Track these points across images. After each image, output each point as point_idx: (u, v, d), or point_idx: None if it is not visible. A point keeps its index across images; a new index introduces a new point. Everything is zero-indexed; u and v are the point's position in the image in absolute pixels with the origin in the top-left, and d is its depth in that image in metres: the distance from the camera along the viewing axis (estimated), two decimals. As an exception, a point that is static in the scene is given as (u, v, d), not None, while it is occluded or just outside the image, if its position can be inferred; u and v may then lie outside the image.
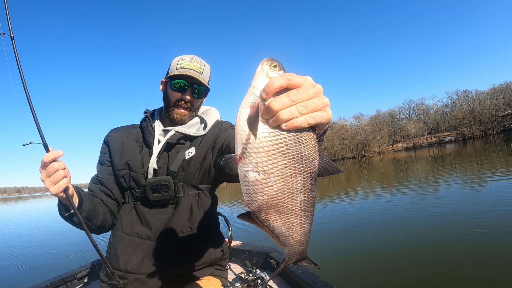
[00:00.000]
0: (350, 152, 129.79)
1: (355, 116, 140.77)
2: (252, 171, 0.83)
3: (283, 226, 0.92)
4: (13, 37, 1.65)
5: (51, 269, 7.31)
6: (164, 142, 1.92)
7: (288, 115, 0.76)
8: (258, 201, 0.86)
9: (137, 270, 1.82)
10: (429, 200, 11.31)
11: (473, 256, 5.48)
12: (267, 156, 0.81)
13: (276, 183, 0.83)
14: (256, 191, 0.85)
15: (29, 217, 27.65)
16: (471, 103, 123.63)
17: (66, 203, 1.59)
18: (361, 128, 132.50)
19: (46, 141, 1.59)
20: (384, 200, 12.93)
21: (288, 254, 1.01)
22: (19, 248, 11.66)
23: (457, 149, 56.26)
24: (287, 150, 0.81)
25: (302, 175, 0.84)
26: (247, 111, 0.83)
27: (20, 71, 1.64)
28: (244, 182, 0.85)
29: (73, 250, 9.54)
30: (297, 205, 0.88)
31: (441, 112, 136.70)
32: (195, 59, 1.92)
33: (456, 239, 6.44)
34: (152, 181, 1.86)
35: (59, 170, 1.48)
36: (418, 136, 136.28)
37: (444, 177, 17.81)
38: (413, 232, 7.41)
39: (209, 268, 2.01)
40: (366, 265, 5.83)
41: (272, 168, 0.82)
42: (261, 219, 0.91)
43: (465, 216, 8.04)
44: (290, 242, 0.96)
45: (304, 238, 0.97)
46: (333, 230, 8.75)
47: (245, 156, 0.83)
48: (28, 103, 1.62)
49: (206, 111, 2.13)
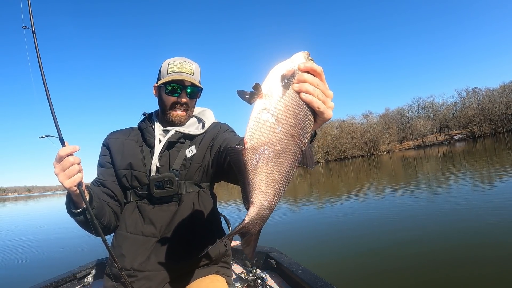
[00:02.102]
0: (359, 151, 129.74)
1: (364, 114, 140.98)
2: (268, 112, 0.93)
3: (264, 178, 0.97)
4: (35, 31, 1.65)
5: (52, 270, 7.37)
6: (166, 140, 1.93)
7: (311, 89, 0.94)
8: (258, 139, 0.94)
9: (144, 268, 1.83)
10: (437, 199, 11.29)
11: (480, 256, 5.44)
12: (285, 108, 0.93)
13: (280, 133, 0.93)
14: (261, 130, 0.93)
15: (38, 215, 27.93)
16: (481, 100, 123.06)
17: (76, 199, 1.59)
18: (370, 126, 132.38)
19: (62, 135, 1.59)
20: (389, 200, 12.88)
21: (251, 213, 1.01)
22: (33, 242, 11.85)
23: (467, 147, 55.95)
24: (299, 115, 0.94)
25: (299, 142, 0.95)
26: (284, 71, 0.95)
27: (40, 65, 1.63)
28: (255, 117, 0.94)
29: (74, 250, 9.65)
30: (285, 164, 0.96)
31: (451, 110, 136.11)
32: (184, 61, 1.93)
33: (464, 239, 6.41)
34: (156, 177, 1.86)
35: (75, 164, 1.49)
36: (428, 134, 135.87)
37: (454, 176, 17.71)
38: (417, 232, 7.38)
39: (215, 266, 2.02)
40: (366, 265, 5.81)
41: (283, 119, 0.93)
42: (249, 159, 0.96)
43: (474, 215, 7.98)
44: (261, 199, 0.99)
45: (274, 202, 1.01)
46: (334, 230, 8.78)
47: (267, 98, 0.94)
48: (46, 95, 1.62)
49: (202, 111, 2.17)
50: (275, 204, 1.02)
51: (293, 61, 0.97)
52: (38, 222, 21.79)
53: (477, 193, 11.25)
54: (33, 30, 1.65)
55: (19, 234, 16.12)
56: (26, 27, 1.64)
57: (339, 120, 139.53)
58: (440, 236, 6.78)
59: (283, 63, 0.97)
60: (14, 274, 8.28)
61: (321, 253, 6.77)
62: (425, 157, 46.70)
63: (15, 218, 28.55)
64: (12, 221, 25.35)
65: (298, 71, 0.95)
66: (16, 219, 27.06)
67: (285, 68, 0.95)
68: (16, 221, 24.95)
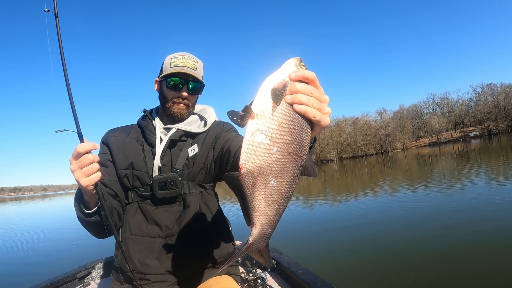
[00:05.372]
0: (373, 148, 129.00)
1: (378, 111, 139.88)
2: (261, 133, 0.90)
3: (263, 200, 0.95)
4: (57, 15, 1.60)
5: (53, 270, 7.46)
6: (168, 139, 1.90)
7: (304, 99, 0.89)
8: (254, 163, 0.91)
9: (152, 270, 1.80)
10: (449, 199, 11.12)
11: (491, 256, 5.34)
12: (279, 126, 0.89)
13: (276, 153, 0.90)
14: (256, 153, 0.91)
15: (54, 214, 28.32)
16: (496, 96, 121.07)
17: (88, 199, 1.58)
18: (384, 123, 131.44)
19: (81, 130, 1.56)
20: (393, 200, 12.78)
21: (254, 234, 1.01)
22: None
23: (483, 144, 55.29)
24: (294, 130, 0.90)
25: (297, 158, 0.92)
26: (274, 84, 0.91)
27: (62, 52, 1.59)
28: (249, 140, 0.91)
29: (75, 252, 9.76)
30: (284, 183, 0.94)
31: (466, 106, 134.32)
32: (188, 56, 1.91)
33: (473, 240, 6.32)
34: (159, 178, 1.83)
35: (94, 163, 1.46)
36: (443, 131, 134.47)
37: (469, 174, 17.50)
38: (421, 232, 7.32)
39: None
40: (367, 265, 5.77)
41: (278, 138, 0.90)
42: (246, 184, 0.94)
43: (487, 215, 7.86)
44: (262, 220, 0.98)
45: (275, 220, 1.00)
46: (334, 230, 8.77)
47: (260, 118, 0.90)
48: (66, 85, 1.58)
49: (204, 109, 2.13)
50: (276, 222, 1.01)
51: (283, 71, 0.93)
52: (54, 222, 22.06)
53: (492, 192, 11.11)
54: (56, 14, 1.60)
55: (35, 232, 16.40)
56: (49, 10, 1.59)
57: (353, 118, 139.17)
58: (443, 237, 6.71)
59: (274, 74, 0.94)
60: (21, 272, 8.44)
61: (321, 253, 6.76)
62: (440, 154, 46.26)
63: (31, 217, 28.98)
64: (28, 219, 25.77)
65: (290, 81, 0.91)
66: (32, 219, 27.48)
67: (275, 81, 0.92)
68: (32, 220, 25.36)
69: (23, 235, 15.93)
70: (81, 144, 1.46)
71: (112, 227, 1.66)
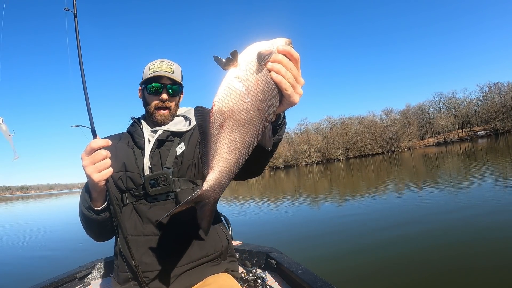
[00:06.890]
0: (379, 148, 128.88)
1: (385, 110, 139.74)
2: (239, 81, 0.98)
3: (227, 144, 1.01)
4: (76, 14, 1.64)
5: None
6: (155, 139, 1.97)
7: (283, 70, 1.00)
8: (226, 104, 0.98)
9: (153, 268, 1.82)
10: (453, 200, 11.13)
11: (498, 258, 5.28)
12: (256, 81, 0.99)
13: (248, 103, 0.98)
14: (231, 96, 0.98)
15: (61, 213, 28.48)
16: (503, 95, 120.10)
17: (96, 196, 1.64)
18: (390, 123, 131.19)
19: (94, 126, 1.60)
20: (397, 200, 12.71)
21: (210, 180, 1.05)
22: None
23: (489, 144, 54.99)
24: (266, 92, 1.00)
25: (263, 117, 1.01)
26: (262, 49, 1.00)
27: (79, 51, 1.63)
28: (227, 83, 0.99)
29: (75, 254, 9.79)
30: (248, 134, 1.01)
31: (473, 105, 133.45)
32: (164, 62, 2.02)
33: (478, 240, 6.27)
34: (150, 175, 1.88)
35: (107, 159, 1.52)
36: (449, 131, 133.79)
37: (476, 174, 17.40)
38: (422, 232, 7.30)
39: (224, 262, 2.02)
40: (367, 265, 5.75)
41: (253, 91, 0.98)
42: (215, 122, 1.00)
43: (494, 215, 7.81)
44: (222, 165, 1.03)
45: (233, 170, 1.05)
46: (335, 230, 8.76)
47: (241, 68, 0.99)
48: (82, 82, 1.63)
49: (188, 110, 2.23)
50: (234, 173, 1.05)
51: (273, 43, 1.03)
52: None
53: (499, 192, 11.02)
54: (75, 13, 1.64)
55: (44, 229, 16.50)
56: (68, 9, 1.63)
57: (360, 117, 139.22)
58: (447, 237, 6.67)
59: (264, 42, 1.04)
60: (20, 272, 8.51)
61: (321, 253, 6.75)
62: (447, 154, 46.07)
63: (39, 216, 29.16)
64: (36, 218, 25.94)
65: (276, 52, 1.01)
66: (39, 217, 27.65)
67: (264, 47, 1.02)
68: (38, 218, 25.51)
69: (28, 233, 16.11)
70: (95, 140, 1.52)
71: (120, 223, 1.73)
